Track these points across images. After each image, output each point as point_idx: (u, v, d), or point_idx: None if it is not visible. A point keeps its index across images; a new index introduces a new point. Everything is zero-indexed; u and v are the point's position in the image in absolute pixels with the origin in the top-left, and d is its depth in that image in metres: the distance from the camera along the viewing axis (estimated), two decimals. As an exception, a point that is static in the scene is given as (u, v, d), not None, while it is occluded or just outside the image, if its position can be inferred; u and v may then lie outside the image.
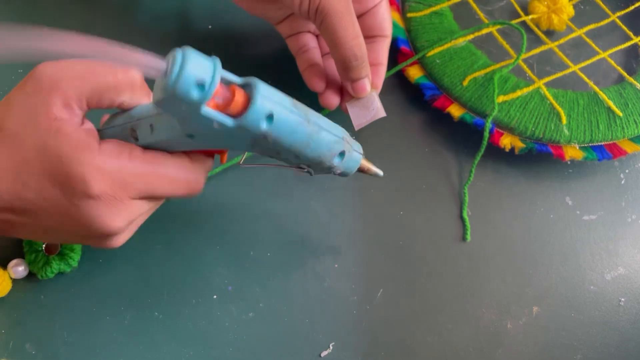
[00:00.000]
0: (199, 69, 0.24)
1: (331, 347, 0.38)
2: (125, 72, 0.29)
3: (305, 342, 0.38)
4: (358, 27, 0.37)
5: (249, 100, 0.26)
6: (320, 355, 0.37)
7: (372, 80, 0.39)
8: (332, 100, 0.40)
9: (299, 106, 0.28)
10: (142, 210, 0.31)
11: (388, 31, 0.40)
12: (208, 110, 0.25)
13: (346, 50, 0.36)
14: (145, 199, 0.30)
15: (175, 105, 0.25)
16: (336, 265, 0.40)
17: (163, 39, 0.45)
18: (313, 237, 0.40)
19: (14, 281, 0.37)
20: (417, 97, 0.44)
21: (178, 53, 0.25)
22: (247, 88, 0.27)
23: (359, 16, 0.39)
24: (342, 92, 0.41)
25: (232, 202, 0.41)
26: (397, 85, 0.45)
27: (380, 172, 0.36)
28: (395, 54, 0.45)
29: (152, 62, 0.25)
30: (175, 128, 0.27)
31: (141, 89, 0.30)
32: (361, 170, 0.34)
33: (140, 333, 0.37)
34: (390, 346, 0.38)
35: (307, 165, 0.30)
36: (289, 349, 0.37)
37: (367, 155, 0.43)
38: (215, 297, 0.38)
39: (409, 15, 0.46)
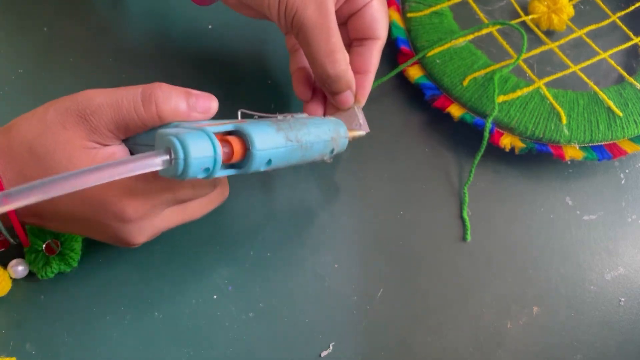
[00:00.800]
0: (201, 157, 0.26)
1: (331, 347, 0.38)
2: (148, 111, 0.30)
3: (305, 342, 0.38)
4: (335, 40, 0.34)
5: (245, 146, 0.28)
6: (320, 355, 0.37)
7: (355, 92, 0.37)
8: (316, 111, 0.38)
9: (290, 132, 0.30)
10: (170, 224, 0.33)
11: (379, 32, 0.38)
12: (214, 175, 0.27)
13: (318, 68, 0.35)
14: (175, 206, 0.32)
15: (186, 178, 0.27)
16: (336, 265, 0.40)
17: (163, 39, 0.45)
18: (313, 237, 0.40)
19: (14, 281, 0.37)
20: (417, 97, 0.44)
21: (176, 144, 0.26)
22: (239, 134, 0.28)
23: (349, 17, 0.37)
24: (326, 101, 0.39)
25: (232, 202, 0.41)
26: (397, 86, 0.45)
27: (364, 132, 0.37)
28: (396, 54, 0.45)
29: (150, 163, 0.26)
30: None
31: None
32: (351, 138, 0.36)
33: (140, 333, 0.37)
34: (390, 346, 0.38)
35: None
36: (289, 348, 0.37)
37: (367, 156, 0.43)
38: (215, 297, 0.38)
39: (409, 15, 0.46)
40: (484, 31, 0.46)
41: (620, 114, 0.42)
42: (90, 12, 0.46)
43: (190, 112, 0.31)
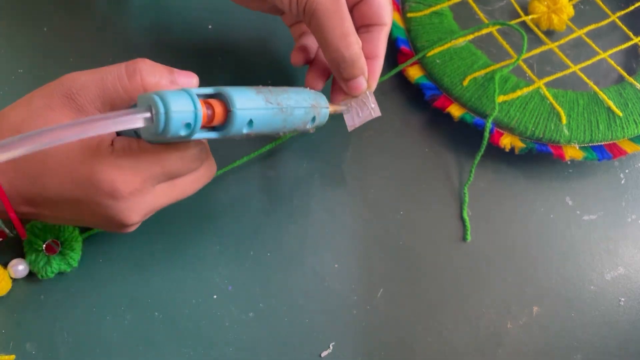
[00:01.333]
0: (182, 111, 0.26)
1: (331, 347, 0.38)
2: (132, 81, 0.31)
3: (305, 342, 0.38)
4: (349, 24, 0.35)
5: (227, 109, 0.28)
6: (320, 355, 0.37)
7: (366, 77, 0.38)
8: (316, 84, 0.39)
9: (271, 96, 0.31)
10: (162, 201, 0.33)
11: (386, 19, 0.38)
12: (197, 135, 0.28)
13: (333, 52, 0.35)
14: (165, 183, 0.32)
15: (166, 139, 0.28)
16: (336, 265, 0.40)
17: (163, 39, 0.45)
18: (313, 237, 0.40)
19: (14, 281, 0.37)
20: (417, 97, 0.44)
21: (156, 99, 0.26)
22: (221, 97, 0.29)
23: (354, 5, 0.38)
24: (327, 75, 0.40)
25: (233, 202, 0.41)
26: (397, 86, 0.45)
27: (344, 107, 0.38)
28: (396, 54, 0.45)
29: (131, 119, 0.26)
30: None
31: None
32: (332, 113, 0.37)
33: (140, 333, 0.37)
34: (390, 346, 0.38)
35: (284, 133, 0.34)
36: (289, 348, 0.37)
37: (367, 156, 0.43)
38: (215, 297, 0.38)
39: (409, 15, 0.46)
40: (484, 31, 0.46)
41: (620, 114, 0.42)
42: (90, 12, 0.46)
43: (172, 87, 0.31)
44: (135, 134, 0.31)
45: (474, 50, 0.45)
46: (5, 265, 0.37)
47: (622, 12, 0.48)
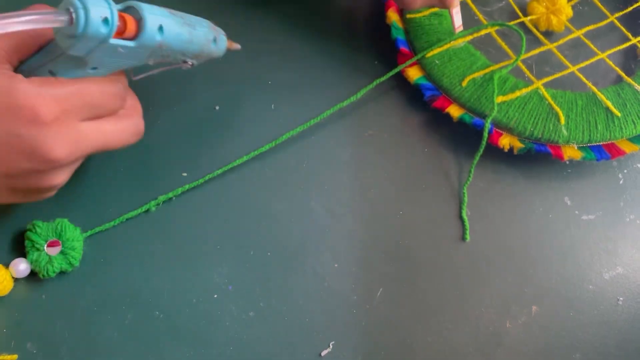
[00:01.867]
0: (99, 8, 0.28)
1: (331, 347, 0.38)
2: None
3: (305, 341, 0.38)
4: None
5: (138, 22, 0.31)
6: (320, 355, 0.37)
7: None
8: None
9: (175, 11, 0.33)
10: (88, 143, 0.32)
11: None
12: (115, 40, 0.30)
13: None
14: (89, 122, 0.32)
15: (85, 46, 0.29)
16: (336, 265, 0.40)
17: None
18: (313, 237, 0.40)
19: (16, 280, 0.37)
20: (417, 97, 0.44)
21: (74, 1, 0.28)
22: (131, 11, 0.31)
23: None
24: None
25: (233, 202, 0.41)
26: (397, 86, 0.45)
27: (239, 46, 0.40)
28: (395, 55, 0.45)
29: (49, 17, 0.27)
30: (75, 67, 0.31)
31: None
32: (228, 49, 0.39)
33: (140, 332, 0.37)
34: (390, 345, 0.38)
35: (191, 58, 0.36)
36: (289, 348, 0.37)
37: (369, 155, 0.43)
38: (215, 296, 0.38)
39: (409, 16, 0.46)
40: (483, 32, 0.46)
41: (619, 114, 0.42)
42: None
43: None
44: (50, 74, 0.31)
45: (473, 51, 0.45)
46: (6, 265, 0.37)
47: (621, 13, 0.48)
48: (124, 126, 0.34)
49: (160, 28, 0.31)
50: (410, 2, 0.42)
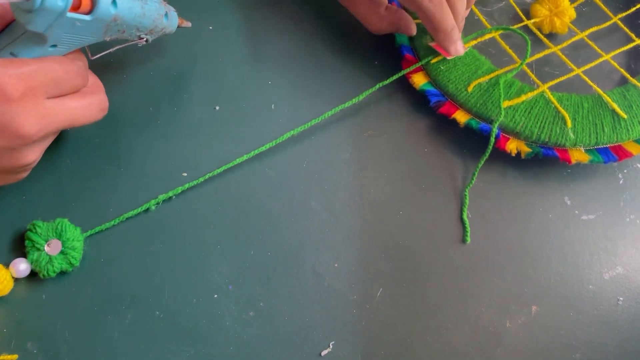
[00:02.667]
0: None
1: (331, 346, 0.38)
2: None
3: (305, 341, 0.38)
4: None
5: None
6: (320, 354, 0.38)
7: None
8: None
9: None
10: (55, 118, 0.33)
11: None
12: (71, 14, 0.31)
13: (440, 41, 0.42)
14: (55, 99, 0.33)
15: (43, 20, 0.30)
16: (336, 265, 0.40)
17: (164, 38, 0.46)
18: (313, 237, 0.40)
19: (16, 280, 0.37)
20: (423, 103, 0.44)
21: None
22: None
23: None
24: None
25: (233, 202, 0.41)
26: (403, 91, 0.45)
27: (189, 24, 0.42)
28: (400, 61, 0.45)
29: None
30: (35, 46, 0.32)
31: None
32: (179, 26, 0.41)
33: (141, 332, 0.37)
34: (389, 345, 0.38)
35: (145, 34, 0.37)
36: (289, 347, 0.37)
37: (369, 155, 0.43)
38: (215, 296, 0.38)
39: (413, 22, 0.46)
40: (487, 36, 0.46)
41: (625, 116, 0.42)
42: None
43: None
44: (12, 55, 0.32)
45: (477, 55, 0.45)
46: (6, 265, 0.37)
47: (624, 14, 0.48)
48: (88, 102, 0.35)
49: (114, 1, 0.33)
50: (375, 29, 0.44)
